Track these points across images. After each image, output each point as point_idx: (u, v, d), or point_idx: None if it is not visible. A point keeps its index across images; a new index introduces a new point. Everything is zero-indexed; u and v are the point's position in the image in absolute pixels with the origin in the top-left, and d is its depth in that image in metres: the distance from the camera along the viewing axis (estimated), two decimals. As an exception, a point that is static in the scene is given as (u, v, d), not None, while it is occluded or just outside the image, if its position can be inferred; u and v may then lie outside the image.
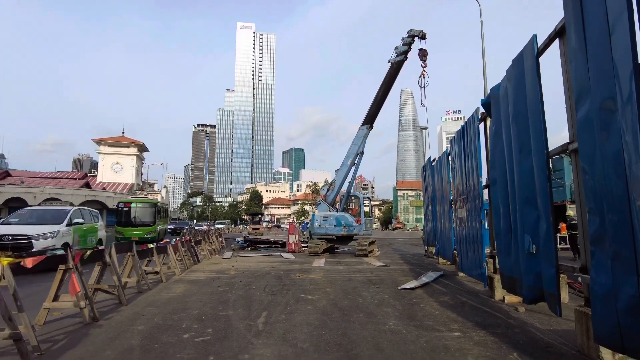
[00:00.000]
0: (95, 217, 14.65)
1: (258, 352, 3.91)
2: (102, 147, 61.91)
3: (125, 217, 22.83)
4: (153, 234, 22.59)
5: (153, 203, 24.47)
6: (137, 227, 22.43)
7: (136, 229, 22.30)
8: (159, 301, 6.48)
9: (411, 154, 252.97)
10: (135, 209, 23.15)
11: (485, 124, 7.54)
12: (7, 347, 3.94)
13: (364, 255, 14.97)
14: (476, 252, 7.69)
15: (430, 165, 13.96)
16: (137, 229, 22.37)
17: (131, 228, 22.28)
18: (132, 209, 23.13)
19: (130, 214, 23.01)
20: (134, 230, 22.21)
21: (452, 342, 4.28)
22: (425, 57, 16.24)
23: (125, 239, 21.26)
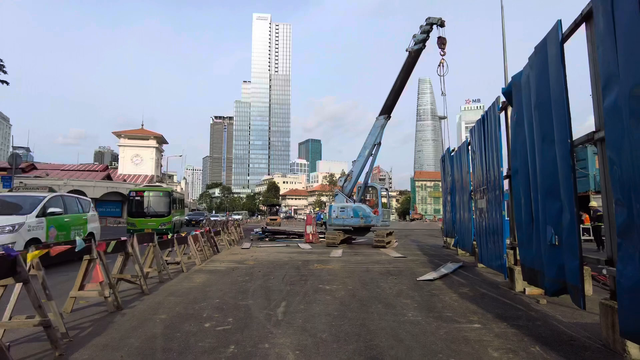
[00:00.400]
0: (84, 206, 12.28)
1: (278, 341, 3.96)
2: (122, 139, 63.09)
3: (138, 207, 21.15)
4: (168, 225, 20.88)
5: (168, 192, 22.21)
6: (151, 218, 20.77)
7: (149, 220, 20.63)
8: (180, 291, 6.62)
9: (429, 144, 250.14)
10: (148, 198, 21.34)
11: (506, 112, 7.39)
12: (38, 333, 4.09)
13: (382, 246, 14.94)
14: (496, 244, 7.59)
15: (450, 156, 13.77)
16: (150, 219, 20.65)
17: (144, 219, 20.65)
18: (144, 199, 21.33)
19: (143, 203, 21.24)
20: (147, 221, 20.55)
21: (472, 333, 4.25)
22: (444, 45, 15.95)
23: (138, 230, 19.00)
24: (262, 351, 3.67)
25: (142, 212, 20.99)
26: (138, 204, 21.23)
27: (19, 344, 3.88)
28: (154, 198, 21.38)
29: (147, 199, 21.32)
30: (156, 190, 22.24)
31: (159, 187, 23.38)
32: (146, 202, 21.29)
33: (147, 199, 21.32)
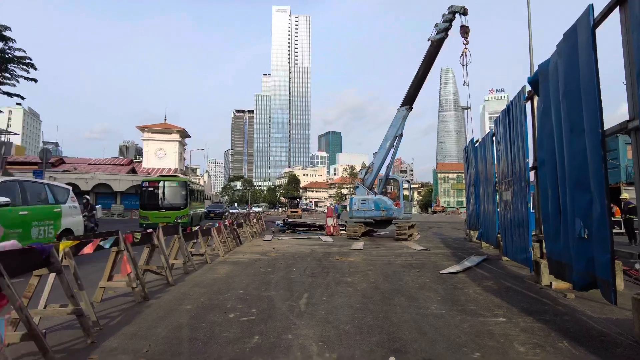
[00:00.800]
0: (58, 195, 9.51)
1: (301, 332, 4.00)
2: (145, 134, 64.33)
3: (151, 199, 19.41)
4: (184, 218, 19.01)
5: (184, 182, 20.47)
6: (165, 211, 19.04)
7: (164, 213, 18.86)
8: (204, 282, 6.75)
9: (452, 135, 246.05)
10: (162, 190, 19.51)
11: (532, 102, 7.19)
12: (71, 321, 4.25)
13: (404, 239, 14.85)
14: (522, 236, 7.43)
15: (473, 147, 13.51)
16: (165, 212, 18.91)
17: (158, 212, 18.92)
18: (158, 190, 19.52)
19: (157, 195, 19.46)
20: (162, 214, 18.82)
21: (496, 327, 4.19)
22: (467, 34, 15.58)
23: (151, 225, 16.00)
24: (286, 342, 3.72)
25: (155, 205, 19.29)
26: (151, 195, 19.48)
27: (54, 331, 4.03)
28: (168, 189, 19.62)
29: (161, 190, 19.53)
30: (172, 180, 20.57)
31: (175, 177, 22.01)
32: (160, 193, 19.52)
33: (161, 190, 19.53)
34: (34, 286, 3.70)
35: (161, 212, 18.99)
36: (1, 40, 23.77)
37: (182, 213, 19.33)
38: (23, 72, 25.37)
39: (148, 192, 19.50)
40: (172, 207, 19.34)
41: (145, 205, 19.34)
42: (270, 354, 3.41)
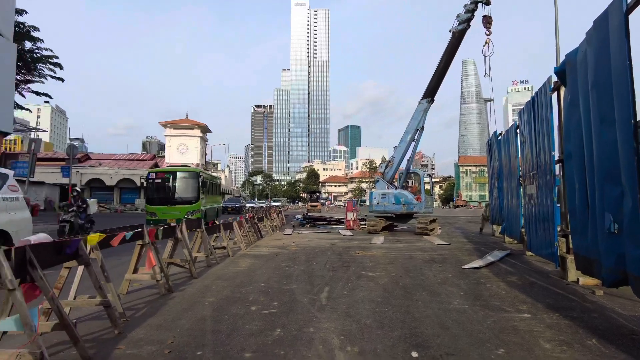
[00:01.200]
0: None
1: (322, 325, 4.02)
2: (168, 129, 65.37)
3: (158, 192, 17.33)
4: (196, 214, 16.84)
5: (195, 172, 18.12)
6: (174, 206, 16.92)
7: (173, 209, 16.75)
8: (226, 275, 6.85)
9: (474, 128, 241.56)
10: (170, 181, 17.32)
11: (559, 93, 6.97)
12: (98, 312, 4.38)
13: (425, 233, 14.70)
14: (547, 231, 7.25)
15: (497, 140, 13.23)
16: (174, 208, 16.81)
17: (166, 207, 16.85)
18: (166, 182, 17.35)
19: (165, 188, 17.34)
20: (170, 209, 16.74)
21: (521, 323, 4.12)
22: (489, 24, 15.20)
23: (158, 222, 15.63)
24: (307, 335, 3.74)
25: (163, 198, 17.21)
26: (158, 188, 17.41)
27: (83, 321, 4.17)
28: (177, 181, 17.44)
29: (169, 182, 17.36)
30: (181, 170, 18.29)
31: (185, 168, 19.55)
32: (168, 186, 17.38)
33: (169, 182, 17.36)
34: (64, 278, 3.83)
35: (170, 206, 16.89)
36: (30, 40, 24.49)
37: (193, 208, 17.08)
38: (50, 71, 26.12)
39: (155, 184, 17.39)
40: (182, 201, 17.15)
41: (152, 200, 17.31)
42: (292, 347, 3.43)
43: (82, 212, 13.31)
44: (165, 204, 17.03)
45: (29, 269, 2.84)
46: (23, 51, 23.17)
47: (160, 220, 15.65)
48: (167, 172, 17.84)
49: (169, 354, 3.29)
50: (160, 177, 17.47)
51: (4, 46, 17.99)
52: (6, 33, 17.97)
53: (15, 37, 19.62)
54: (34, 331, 2.61)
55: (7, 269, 2.58)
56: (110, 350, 3.37)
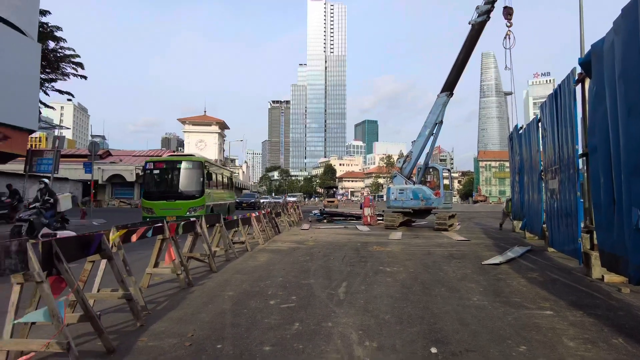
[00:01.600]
0: None
1: (341, 320, 4.02)
2: (186, 126, 66.28)
3: (156, 186, 15.27)
4: (199, 210, 14.61)
5: (199, 162, 15.65)
6: (175, 201, 14.76)
7: (173, 204, 14.69)
8: (245, 269, 6.92)
9: (494, 122, 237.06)
10: (170, 173, 15.36)
11: (583, 85, 6.78)
12: (121, 305, 4.48)
13: (444, 229, 14.55)
14: (570, 227, 7.09)
15: (518, 134, 12.98)
16: (174, 203, 14.69)
17: (166, 202, 14.73)
18: (166, 173, 15.44)
19: (164, 180, 15.40)
20: (170, 205, 14.67)
21: (543, 320, 4.04)
22: (510, 15, 14.85)
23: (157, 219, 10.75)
24: (326, 330, 3.75)
25: (162, 192, 15.11)
26: (157, 180, 15.42)
27: (106, 313, 4.27)
28: (178, 172, 15.29)
29: (169, 174, 15.40)
30: (183, 159, 15.81)
31: (187, 156, 16.95)
32: (168, 177, 15.40)
33: (169, 174, 15.40)
34: (88, 271, 3.93)
35: (170, 202, 14.78)
36: (53, 40, 25.07)
37: (196, 203, 14.87)
38: (72, 70, 26.70)
39: (153, 176, 15.35)
40: (183, 195, 14.96)
41: (150, 194, 15.10)
42: (310, 341, 3.45)
43: (48, 210, 10.98)
44: (164, 198, 14.84)
45: (55, 262, 2.92)
46: (47, 51, 23.73)
47: (157, 217, 13.33)
48: (166, 162, 15.78)
49: (189, 346, 3.35)
50: (158, 168, 15.37)
51: (29, 46, 18.48)
52: (31, 33, 18.45)
53: (39, 37, 20.12)
54: (61, 322, 2.68)
55: (35, 261, 2.66)
56: (132, 342, 3.45)
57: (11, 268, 2.57)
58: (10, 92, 17.29)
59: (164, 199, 14.83)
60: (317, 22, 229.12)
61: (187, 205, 14.76)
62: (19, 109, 17.80)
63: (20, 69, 17.98)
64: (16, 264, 2.59)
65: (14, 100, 17.50)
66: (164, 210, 14.42)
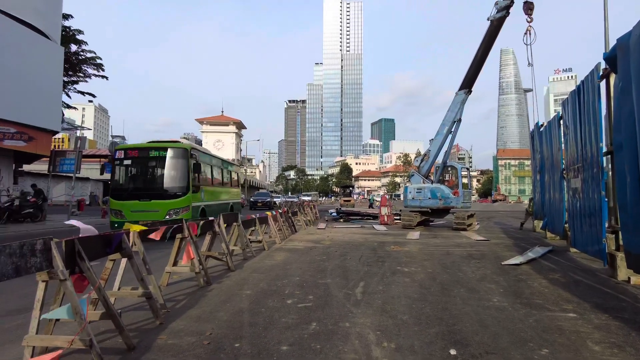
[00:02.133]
0: None
1: (358, 321, 4.00)
2: (204, 126, 67.05)
3: (128, 181, 12.39)
4: (183, 212, 11.59)
5: (183, 150, 12.21)
6: (150, 201, 11.61)
7: (148, 205, 11.55)
8: (262, 268, 6.96)
9: (513, 120, 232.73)
10: (145, 164, 12.36)
11: (608, 81, 6.57)
12: (141, 303, 4.56)
13: (462, 229, 14.36)
14: (594, 227, 6.89)
15: (538, 131, 12.70)
16: (149, 204, 11.57)
17: (138, 202, 11.63)
18: (140, 164, 12.43)
19: (137, 173, 12.52)
20: (144, 207, 11.55)
21: (566, 323, 3.93)
22: (531, 10, 14.52)
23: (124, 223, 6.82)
24: (343, 330, 3.73)
25: (134, 190, 12.05)
26: (128, 173, 12.51)
27: (126, 311, 4.35)
28: (156, 162, 12.25)
29: (144, 165, 12.43)
30: (162, 146, 12.42)
31: (169, 143, 13.09)
32: (142, 170, 12.51)
33: (144, 165, 12.43)
34: (109, 269, 4.00)
35: (144, 202, 11.66)
36: (75, 43, 25.67)
37: (178, 204, 11.69)
38: (94, 70, 27.29)
39: (124, 167, 12.39)
40: (161, 193, 11.82)
41: (119, 191, 12.00)
42: (328, 341, 3.44)
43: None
44: (136, 197, 11.75)
45: (77, 261, 2.99)
46: (69, 53, 24.31)
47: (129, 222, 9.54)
48: (140, 150, 12.34)
49: (207, 345, 3.38)
50: (131, 157, 12.30)
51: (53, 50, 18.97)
52: (54, 37, 18.91)
53: (62, 40, 20.64)
54: (83, 320, 2.74)
55: (59, 260, 2.72)
56: (152, 340, 3.50)
57: (36, 266, 2.63)
58: (35, 95, 17.83)
59: (136, 198, 11.72)
60: (333, 21, 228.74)
61: (167, 206, 11.60)
62: (43, 111, 18.33)
63: (44, 72, 18.48)
64: (41, 262, 2.66)
65: (38, 102, 18.03)
66: (136, 213, 11.37)
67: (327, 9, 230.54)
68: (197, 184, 12.73)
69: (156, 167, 12.34)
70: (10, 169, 18.66)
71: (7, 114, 16.35)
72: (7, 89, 16.22)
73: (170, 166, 12.07)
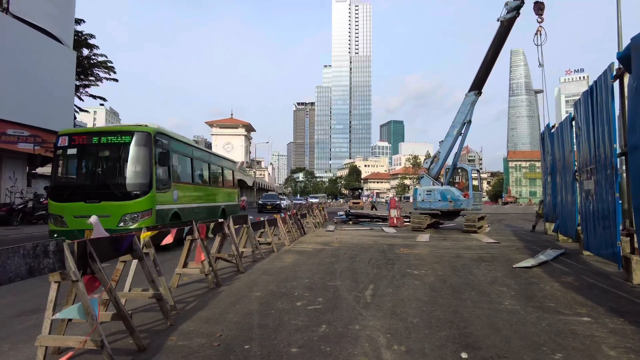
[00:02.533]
0: None
1: (368, 323, 3.97)
2: (214, 129, 67.52)
3: (72, 177, 9.84)
4: (144, 220, 8.90)
5: (144, 135, 9.39)
6: (99, 203, 8.92)
7: (96, 208, 8.71)
8: (272, 270, 6.96)
9: (524, 121, 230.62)
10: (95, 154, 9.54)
11: (622, 81, 6.47)
12: (151, 304, 4.58)
13: (473, 231, 14.22)
14: (608, 229, 6.78)
15: (550, 133, 12.55)
16: (98, 206, 8.80)
17: (84, 204, 8.92)
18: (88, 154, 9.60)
19: (84, 168, 9.74)
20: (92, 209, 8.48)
21: (580, 327, 3.87)
22: (542, 11, 14.36)
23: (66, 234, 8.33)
24: (353, 332, 3.71)
25: (79, 188, 9.41)
26: (74, 167, 9.82)
27: (137, 312, 4.37)
28: (110, 151, 9.49)
29: (93, 155, 9.57)
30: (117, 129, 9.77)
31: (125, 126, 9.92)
32: (91, 162, 9.64)
33: (93, 155, 9.57)
34: (119, 271, 4.03)
35: (90, 204, 8.89)
36: (87, 47, 26.06)
37: (136, 206, 8.94)
38: (105, 73, 27.67)
39: (67, 159, 9.69)
40: (114, 193, 9.10)
41: (60, 190, 9.52)
42: (338, 344, 3.42)
43: None
44: (81, 198, 9.02)
45: (89, 262, 3.01)
46: (81, 57, 24.68)
47: (70, 233, 8.45)
48: (89, 135, 9.62)
49: (217, 346, 3.38)
50: (76, 146, 9.44)
51: (65, 54, 19.25)
52: (67, 42, 19.19)
53: (74, 45, 20.94)
54: (95, 320, 2.76)
55: (71, 261, 2.75)
56: (162, 341, 3.51)
57: (49, 267, 2.66)
58: (48, 98, 18.13)
59: (81, 199, 8.97)
60: (342, 23, 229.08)
61: (121, 210, 8.78)
62: (56, 114, 18.61)
63: (57, 76, 18.78)
64: (54, 263, 2.68)
65: (51, 106, 18.32)
66: (80, 219, 8.60)
67: (335, 11, 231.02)
68: (166, 180, 9.95)
69: (109, 157, 9.45)
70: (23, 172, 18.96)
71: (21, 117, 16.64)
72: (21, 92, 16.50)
73: (127, 156, 9.12)
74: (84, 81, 26.63)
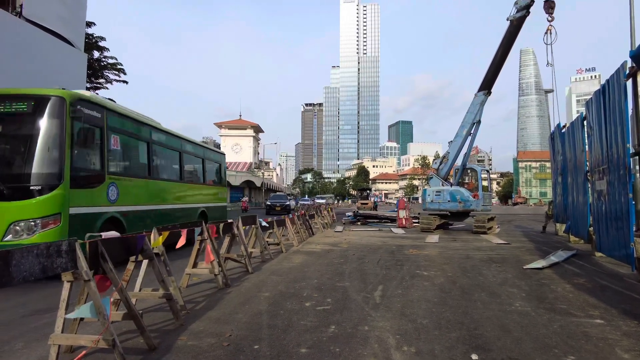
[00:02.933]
0: None
1: (377, 324, 3.96)
2: (222, 130, 67.86)
3: None
4: (47, 228, 5.76)
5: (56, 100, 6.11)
6: None
7: None
8: (280, 270, 6.97)
9: (534, 121, 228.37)
10: None
11: (635, 80, 6.39)
12: (161, 304, 4.62)
13: (482, 232, 14.10)
14: (620, 230, 6.68)
15: (560, 133, 12.41)
16: None
17: None
18: None
19: None
20: None
21: (592, 329, 3.82)
22: (552, 9, 14.19)
23: None
24: (362, 333, 3.71)
25: None
26: None
27: (147, 312, 4.41)
28: (3, 126, 6.19)
29: None
30: (14, 93, 6.26)
31: (23, 90, 6.43)
32: None
33: None
34: (130, 271, 4.07)
35: None
36: (97, 50, 26.35)
37: (33, 210, 5.79)
38: (115, 75, 27.97)
39: None
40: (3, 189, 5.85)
41: None
42: (347, 345, 3.42)
43: None
44: None
45: (100, 262, 3.05)
46: (92, 60, 24.96)
47: None
48: None
49: (227, 346, 3.40)
50: None
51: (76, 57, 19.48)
52: (78, 44, 19.44)
53: (85, 47, 21.19)
54: (106, 320, 2.79)
55: (83, 261, 2.79)
56: (172, 341, 3.54)
57: (62, 266, 2.70)
58: (60, 100, 18.33)
59: None
60: (350, 24, 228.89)
61: (8, 214, 5.73)
62: (67, 116, 18.81)
63: (68, 78, 19.00)
64: (66, 263, 2.72)
65: (62, 107, 18.51)
66: None
67: (343, 12, 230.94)
68: (94, 170, 7.10)
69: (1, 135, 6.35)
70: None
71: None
72: (33, 95, 16.69)
73: (23, 133, 6.32)
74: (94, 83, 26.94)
